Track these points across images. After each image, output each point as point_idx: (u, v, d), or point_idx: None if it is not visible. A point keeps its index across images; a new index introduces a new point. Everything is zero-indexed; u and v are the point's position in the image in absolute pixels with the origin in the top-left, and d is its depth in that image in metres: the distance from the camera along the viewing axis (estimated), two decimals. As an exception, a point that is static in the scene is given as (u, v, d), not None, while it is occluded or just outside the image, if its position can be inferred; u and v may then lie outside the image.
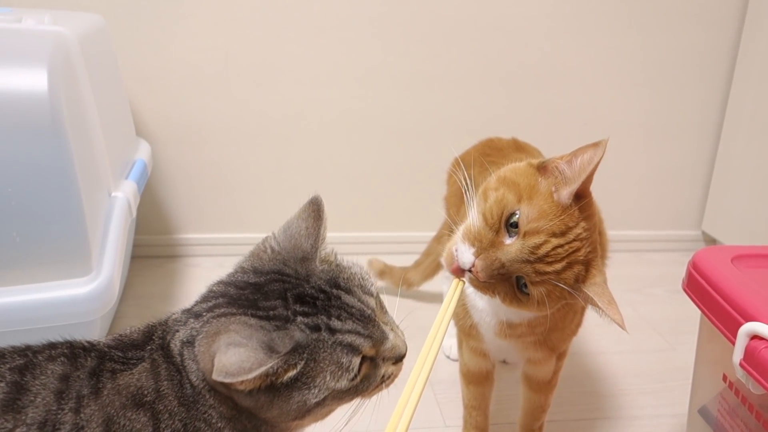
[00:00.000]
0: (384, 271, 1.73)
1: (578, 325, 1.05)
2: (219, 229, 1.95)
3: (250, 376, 0.59)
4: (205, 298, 0.71)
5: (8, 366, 0.64)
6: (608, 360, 1.52)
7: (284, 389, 0.63)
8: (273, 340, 0.62)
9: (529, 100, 1.93)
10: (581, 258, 0.81)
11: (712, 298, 0.93)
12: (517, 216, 0.81)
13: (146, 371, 0.67)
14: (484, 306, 1.00)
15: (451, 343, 1.50)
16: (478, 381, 1.14)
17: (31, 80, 1.05)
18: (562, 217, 0.80)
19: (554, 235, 0.79)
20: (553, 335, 1.01)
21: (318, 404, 0.65)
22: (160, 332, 0.71)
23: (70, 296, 1.10)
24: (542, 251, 0.79)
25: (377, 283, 1.73)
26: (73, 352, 0.68)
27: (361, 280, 0.72)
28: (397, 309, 0.78)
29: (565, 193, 0.81)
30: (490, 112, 1.92)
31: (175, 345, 0.68)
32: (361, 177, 1.96)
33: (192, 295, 1.65)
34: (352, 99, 1.86)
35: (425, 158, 1.94)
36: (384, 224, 2.02)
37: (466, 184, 0.89)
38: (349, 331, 0.66)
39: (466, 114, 1.91)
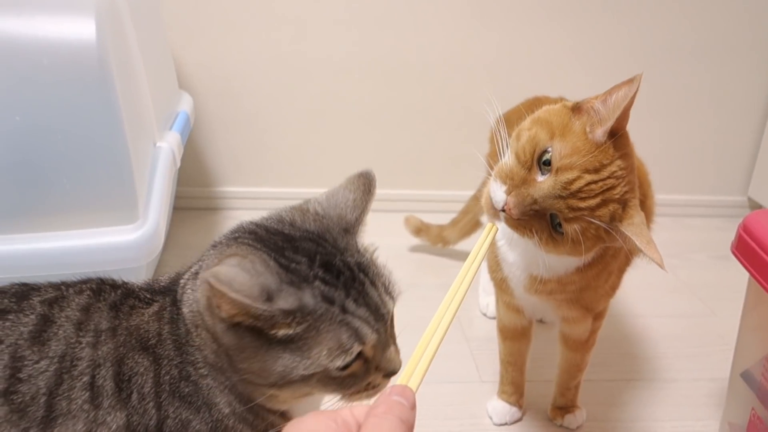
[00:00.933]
0: (420, 229, 1.73)
1: (613, 286, 1.04)
2: (258, 182, 1.97)
3: (232, 295, 0.54)
4: (230, 231, 0.69)
5: (40, 299, 0.66)
6: (646, 323, 1.51)
7: (276, 345, 0.59)
8: (280, 291, 0.57)
9: (576, 58, 1.89)
10: (617, 196, 0.79)
11: (763, 261, 0.91)
12: (549, 153, 0.80)
13: (154, 314, 0.67)
14: (514, 259, 1.00)
15: (488, 301, 1.51)
16: (514, 337, 1.14)
17: (79, 29, 1.05)
18: (596, 153, 0.79)
19: (587, 171, 0.78)
20: (586, 294, 1.00)
21: (303, 379, 0.60)
22: (186, 278, 0.71)
23: (117, 242, 1.12)
24: (575, 187, 0.78)
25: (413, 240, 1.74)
26: (100, 287, 0.69)
27: (387, 282, 0.68)
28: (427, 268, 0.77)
29: (600, 132, 0.80)
30: (535, 69, 1.89)
31: (183, 281, 0.68)
32: (400, 133, 1.95)
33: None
34: (394, 55, 1.84)
35: (467, 116, 1.92)
36: (422, 182, 2.01)
37: (501, 136, 0.88)
38: (361, 318, 0.61)
39: (510, 72, 1.88)
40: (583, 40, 1.88)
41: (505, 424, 1.17)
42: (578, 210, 0.78)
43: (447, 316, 0.64)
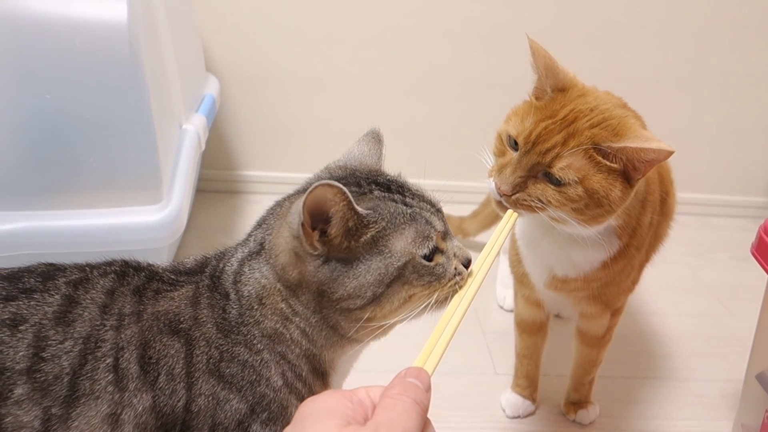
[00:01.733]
0: (441, 219, 1.73)
1: (634, 281, 1.04)
2: (281, 167, 1.98)
3: (341, 204, 0.60)
4: (271, 209, 0.74)
5: (65, 279, 0.67)
6: (663, 322, 1.50)
7: (365, 257, 0.64)
8: (357, 199, 0.64)
9: (602, 56, 1.88)
10: (587, 125, 0.83)
11: (783, 264, 0.91)
12: (508, 130, 0.87)
13: (186, 299, 0.68)
14: (533, 259, 1.02)
15: (505, 294, 1.51)
16: (531, 331, 1.14)
17: (111, 10, 1.07)
18: (542, 107, 0.87)
19: (541, 121, 0.85)
20: (609, 290, 1.01)
21: (398, 275, 0.64)
22: (213, 263, 0.73)
23: (141, 222, 1.14)
24: (533, 137, 0.84)
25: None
26: (124, 270, 0.70)
27: (427, 191, 0.74)
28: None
29: (544, 92, 0.89)
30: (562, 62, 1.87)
31: (231, 267, 0.70)
32: (422, 123, 1.95)
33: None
34: (418, 46, 1.84)
35: (488, 108, 1.91)
36: (444, 173, 2.00)
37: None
38: (425, 209, 0.68)
39: (528, 68, 1.87)
40: (610, 44, 1.86)
41: (518, 417, 1.18)
42: (549, 150, 0.83)
43: (465, 299, 0.65)
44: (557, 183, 0.83)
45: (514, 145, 0.86)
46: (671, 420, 1.21)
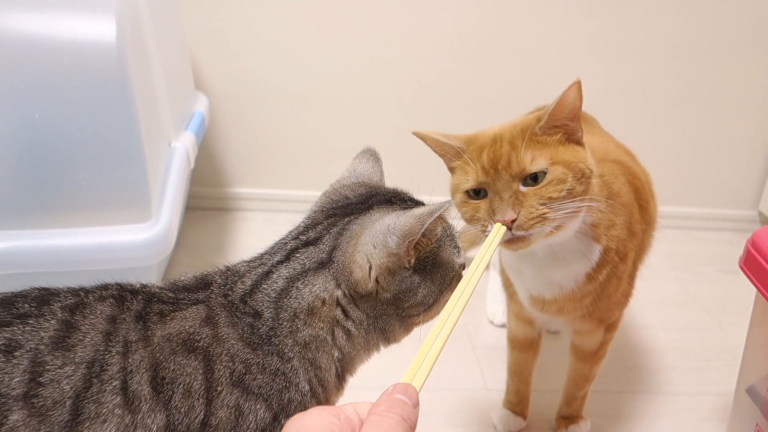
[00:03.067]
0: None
1: (625, 294, 1.05)
2: (271, 184, 1.98)
3: (431, 218, 0.66)
4: (306, 228, 0.76)
5: (60, 304, 0.66)
6: (653, 335, 1.51)
7: (431, 265, 0.71)
8: None
9: (591, 73, 1.90)
10: (508, 134, 0.87)
11: (770, 278, 0.91)
12: (466, 188, 0.89)
13: (199, 318, 0.68)
14: (518, 282, 1.04)
15: (495, 310, 1.51)
16: (522, 347, 1.14)
17: (99, 29, 1.07)
18: (470, 154, 0.90)
19: (479, 156, 0.88)
20: (600, 304, 1.01)
21: (450, 282, 0.73)
22: (220, 280, 0.73)
23: (130, 241, 1.13)
24: (488, 163, 0.86)
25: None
26: (121, 294, 0.70)
27: None
28: None
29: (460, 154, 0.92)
30: (544, 80, 1.89)
31: (273, 285, 0.71)
32: (411, 140, 1.95)
33: (243, 247, 1.70)
34: (407, 62, 1.85)
35: (478, 124, 1.92)
36: (435, 188, 2.01)
37: None
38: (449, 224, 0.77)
39: (520, 80, 1.89)
40: (597, 56, 1.88)
41: (509, 432, 1.18)
42: (509, 161, 0.84)
43: (453, 314, 0.66)
44: (538, 180, 0.84)
45: (476, 194, 0.88)
46: (662, 435, 1.21)
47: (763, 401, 1.01)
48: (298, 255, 0.73)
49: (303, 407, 0.68)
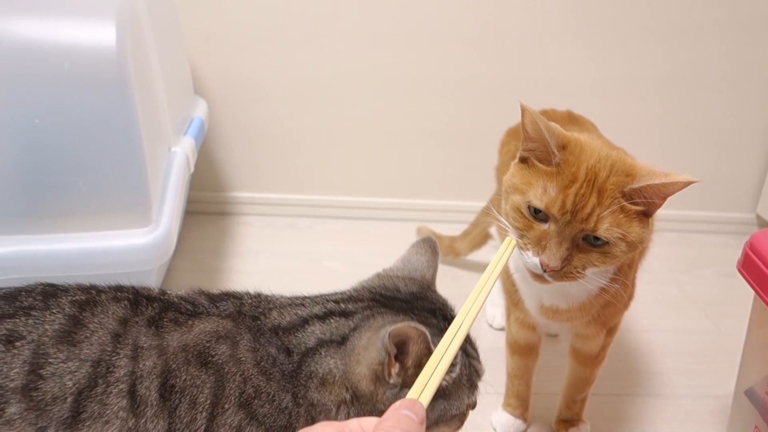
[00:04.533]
0: (431, 239, 1.74)
1: (630, 297, 1.05)
2: (271, 188, 1.98)
3: (421, 345, 0.63)
4: (349, 299, 0.75)
5: (69, 299, 0.67)
6: (652, 338, 1.51)
7: (440, 387, 0.66)
8: (432, 340, 0.65)
9: (591, 71, 1.90)
10: (605, 177, 0.81)
11: (768, 280, 0.92)
12: (532, 203, 0.83)
13: (218, 335, 0.68)
14: (527, 291, 1.02)
15: (495, 313, 1.51)
16: (523, 352, 1.15)
17: (99, 34, 1.07)
18: (560, 173, 0.82)
19: (566, 187, 0.81)
20: (607, 311, 1.02)
21: (453, 418, 0.71)
22: (252, 302, 0.74)
23: (130, 245, 1.13)
24: (569, 204, 0.80)
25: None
26: (136, 298, 0.70)
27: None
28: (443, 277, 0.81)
29: (552, 156, 0.84)
30: (546, 83, 1.90)
31: (305, 339, 0.70)
32: (413, 144, 1.96)
33: (242, 251, 1.70)
34: (407, 65, 1.86)
35: (478, 128, 1.93)
36: (434, 192, 2.03)
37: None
38: (475, 359, 0.76)
39: (521, 84, 1.89)
40: (595, 60, 1.89)
41: (509, 435, 1.18)
42: (590, 215, 0.80)
43: (461, 331, 0.65)
44: (599, 244, 0.82)
45: (537, 213, 0.84)
46: (662, 437, 1.22)
47: (761, 403, 1.02)
48: (332, 320, 0.72)
49: None
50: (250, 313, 0.72)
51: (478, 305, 0.69)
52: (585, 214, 0.80)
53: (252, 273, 1.66)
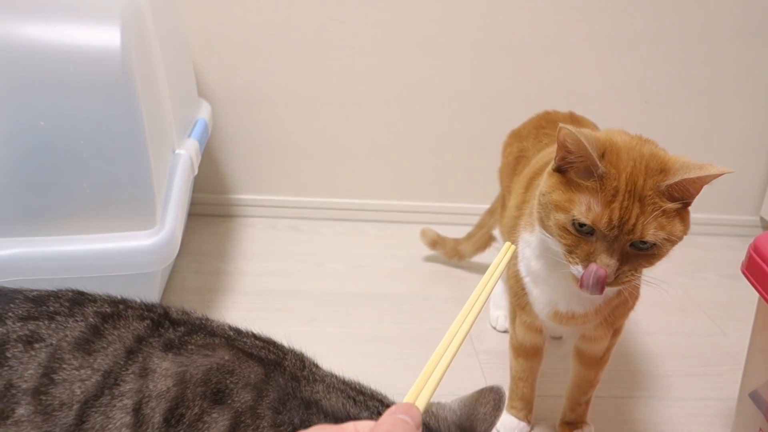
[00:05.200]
0: (436, 242, 1.74)
1: (636, 298, 1.05)
2: (273, 191, 1.99)
3: None
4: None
5: (94, 309, 0.66)
6: (656, 341, 1.51)
7: None
8: None
9: (588, 74, 1.90)
10: (642, 181, 0.82)
11: (773, 283, 0.92)
12: (577, 218, 0.84)
13: (248, 384, 0.65)
14: (538, 294, 1.02)
15: (498, 315, 1.51)
16: (528, 355, 1.14)
17: (104, 36, 1.08)
18: (602, 186, 0.83)
19: (609, 202, 0.82)
20: (618, 311, 1.02)
21: None
22: (293, 362, 0.71)
23: (134, 247, 1.14)
24: (616, 219, 0.81)
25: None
26: (161, 320, 0.68)
27: None
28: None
29: (593, 169, 0.84)
30: (548, 85, 1.90)
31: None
32: (415, 146, 1.96)
33: (245, 253, 1.71)
34: (409, 68, 1.86)
35: (481, 130, 1.94)
36: (437, 195, 2.03)
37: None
38: None
39: (524, 86, 1.89)
40: (598, 64, 1.89)
41: (513, 437, 1.18)
42: (635, 225, 0.81)
43: (459, 335, 0.64)
44: (647, 248, 0.84)
45: (581, 227, 0.84)
46: (666, 439, 1.21)
47: (766, 406, 1.01)
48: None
49: None
50: (290, 370, 0.69)
51: (476, 310, 0.67)
52: (631, 225, 0.81)
53: (255, 275, 1.66)
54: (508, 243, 0.80)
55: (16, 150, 1.06)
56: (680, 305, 1.69)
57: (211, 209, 1.97)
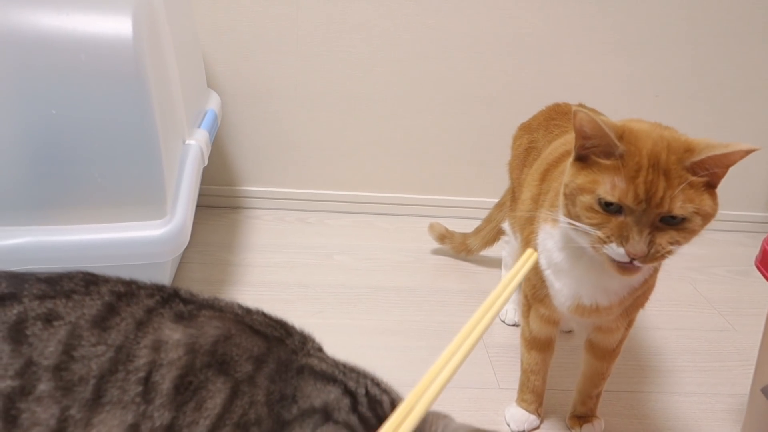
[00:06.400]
0: (444, 236, 1.74)
1: (651, 287, 1.05)
2: (281, 183, 1.98)
3: None
4: (357, 407, 0.71)
5: (109, 288, 0.68)
6: (665, 336, 1.50)
7: None
8: None
9: (599, 68, 1.89)
10: (665, 156, 0.82)
11: (788, 277, 0.91)
12: (603, 198, 0.84)
13: (251, 357, 0.68)
14: (560, 287, 1.01)
15: (507, 308, 1.51)
16: (541, 347, 1.14)
17: (116, 26, 1.07)
18: (623, 162, 0.83)
19: (633, 177, 0.82)
20: (638, 302, 1.03)
21: None
22: (299, 340, 0.73)
23: (145, 237, 1.14)
24: (642, 193, 0.82)
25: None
26: (171, 297, 0.70)
27: None
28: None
29: (613, 149, 0.84)
30: (558, 79, 1.89)
31: (309, 395, 0.68)
32: (424, 140, 1.96)
33: (253, 245, 1.71)
34: (418, 61, 1.85)
35: (490, 123, 1.93)
36: (446, 188, 2.02)
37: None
38: None
39: (533, 80, 1.89)
40: (608, 59, 1.88)
41: (523, 431, 1.18)
42: (663, 198, 0.81)
43: (460, 353, 0.60)
44: (677, 222, 0.83)
45: (609, 206, 0.84)
46: (676, 434, 1.21)
47: (779, 401, 1.01)
48: (351, 402, 0.70)
49: None
50: (291, 345, 0.72)
51: (489, 318, 0.64)
52: (658, 198, 0.81)
53: (263, 266, 1.66)
54: (530, 250, 0.78)
55: (28, 139, 1.06)
56: (690, 301, 1.68)
57: (218, 201, 1.97)
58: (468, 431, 0.74)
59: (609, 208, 0.84)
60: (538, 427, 1.19)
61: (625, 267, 0.86)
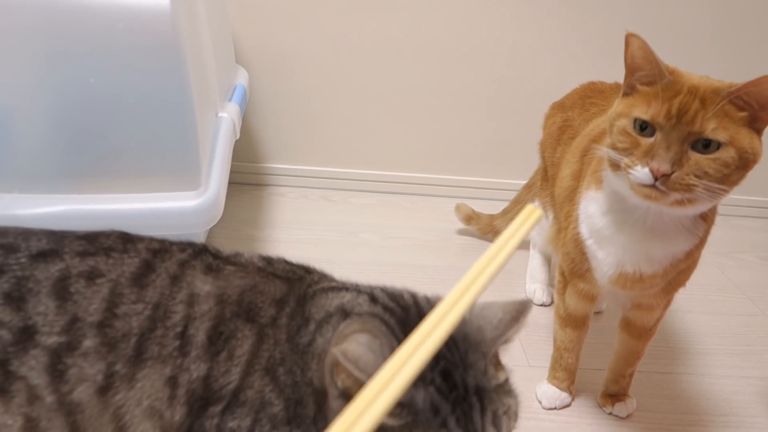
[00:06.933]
0: (471, 217, 1.73)
1: (695, 263, 1.05)
2: (306, 161, 1.98)
3: (355, 373, 0.56)
4: (370, 300, 0.70)
5: (145, 246, 0.69)
6: (695, 319, 1.49)
7: None
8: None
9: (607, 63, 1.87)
10: (706, 87, 0.83)
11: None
12: (638, 120, 0.86)
13: (274, 299, 0.69)
14: (604, 256, 0.99)
15: (534, 288, 1.51)
16: (577, 325, 1.13)
17: (154, -3, 1.07)
18: (664, 89, 0.84)
19: (670, 98, 0.83)
20: (681, 276, 1.02)
21: None
22: (317, 278, 0.74)
23: (180, 208, 1.13)
24: (674, 109, 0.82)
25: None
26: (202, 250, 0.72)
27: (500, 413, 0.64)
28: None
29: (656, 81, 0.86)
30: (587, 60, 1.87)
31: (321, 311, 0.68)
32: (452, 120, 1.94)
33: (276, 222, 1.70)
34: (448, 37, 1.84)
35: (521, 103, 1.91)
36: (471, 169, 2.01)
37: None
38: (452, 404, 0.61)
39: (562, 61, 1.87)
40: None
41: (554, 408, 1.17)
42: (695, 117, 0.82)
43: (436, 334, 0.48)
44: (709, 150, 0.83)
45: (643, 130, 0.86)
46: (708, 415, 1.20)
47: (819, 382, 1.00)
48: (360, 299, 0.70)
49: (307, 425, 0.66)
50: (308, 281, 0.73)
51: (484, 280, 0.53)
52: (690, 116, 0.82)
53: (287, 242, 1.66)
54: (530, 206, 0.64)
55: (66, 107, 1.06)
56: (719, 285, 1.67)
57: (243, 177, 1.97)
58: (499, 306, 0.69)
59: (643, 131, 0.85)
60: (569, 405, 1.19)
61: (650, 191, 0.84)
